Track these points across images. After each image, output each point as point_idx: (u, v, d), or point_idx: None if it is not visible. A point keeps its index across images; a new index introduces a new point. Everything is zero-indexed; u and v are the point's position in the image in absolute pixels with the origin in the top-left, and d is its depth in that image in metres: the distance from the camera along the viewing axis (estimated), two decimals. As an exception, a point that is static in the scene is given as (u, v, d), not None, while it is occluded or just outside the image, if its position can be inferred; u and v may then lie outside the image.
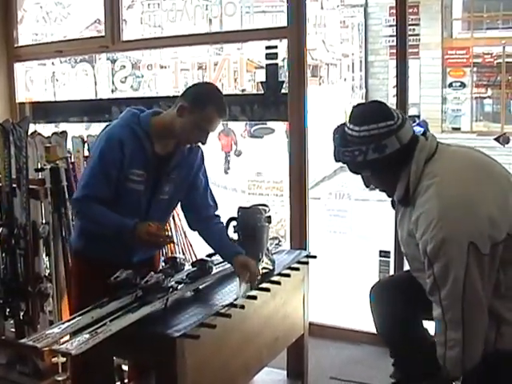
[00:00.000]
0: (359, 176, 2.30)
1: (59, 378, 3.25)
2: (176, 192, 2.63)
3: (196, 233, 2.81)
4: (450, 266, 1.97)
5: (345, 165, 2.23)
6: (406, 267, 3.39)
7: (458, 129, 12.57)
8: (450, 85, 12.56)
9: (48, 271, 3.45)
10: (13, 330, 3.52)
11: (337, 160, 2.23)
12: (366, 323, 3.98)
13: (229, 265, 2.72)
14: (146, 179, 2.49)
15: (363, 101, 13.07)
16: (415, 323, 2.35)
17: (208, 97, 2.48)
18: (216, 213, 2.74)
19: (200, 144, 2.58)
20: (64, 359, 3.20)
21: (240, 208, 2.64)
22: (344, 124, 2.20)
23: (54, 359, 3.29)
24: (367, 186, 2.34)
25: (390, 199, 2.36)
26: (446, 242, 1.96)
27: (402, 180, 2.14)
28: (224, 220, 2.73)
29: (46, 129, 4.57)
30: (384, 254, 3.85)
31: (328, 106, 12.52)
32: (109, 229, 2.41)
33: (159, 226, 2.46)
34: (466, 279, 1.95)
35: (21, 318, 3.43)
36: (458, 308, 1.99)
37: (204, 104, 2.44)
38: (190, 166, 2.65)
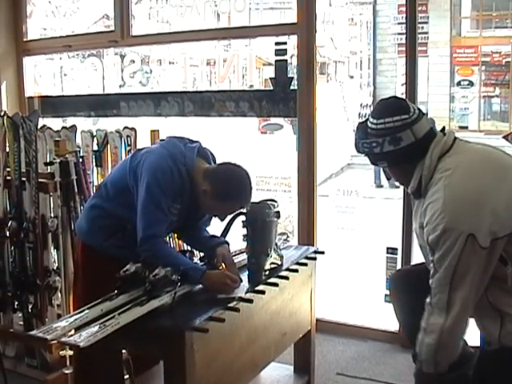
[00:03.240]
0: (366, 174, 2.37)
1: (67, 371, 3.26)
2: None
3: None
4: (446, 255, 2.02)
5: (366, 156, 2.29)
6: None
7: (466, 127, 12.56)
8: (458, 83, 12.56)
9: (56, 265, 3.46)
10: (21, 323, 3.54)
11: (357, 151, 2.30)
12: (373, 319, 4.01)
13: (238, 259, 2.74)
14: (180, 211, 2.58)
15: (371, 98, 13.09)
16: None
17: (233, 193, 2.55)
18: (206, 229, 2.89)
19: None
20: (72, 352, 3.21)
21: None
22: (368, 118, 2.27)
23: (62, 352, 3.30)
24: (388, 179, 2.41)
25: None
26: (446, 233, 2.00)
27: (416, 173, 2.18)
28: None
29: (54, 123, 4.58)
30: (391, 250, 3.84)
31: (335, 104, 12.54)
32: (175, 267, 2.41)
33: (229, 275, 2.52)
34: (458, 267, 2.00)
35: (29, 311, 3.44)
36: (445, 293, 2.04)
37: (228, 199, 2.55)
38: None
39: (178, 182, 2.53)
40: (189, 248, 3.08)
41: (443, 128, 2.27)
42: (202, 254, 2.85)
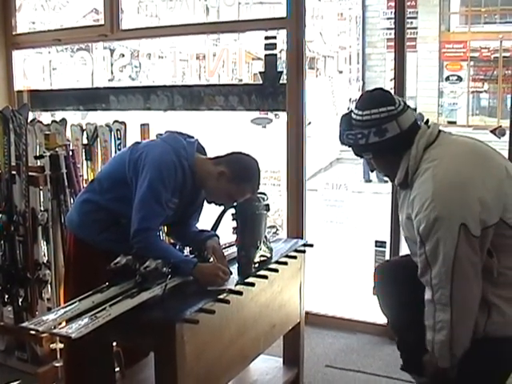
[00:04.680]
0: (355, 168, 2.38)
1: (57, 364, 3.27)
2: None
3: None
4: (440, 245, 2.03)
5: (350, 148, 2.30)
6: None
7: (454, 122, 12.59)
8: (447, 78, 12.58)
9: (46, 258, 3.47)
10: (11, 316, 3.54)
11: (342, 143, 2.31)
12: (362, 312, 4.04)
13: (228, 252, 2.76)
14: (177, 206, 2.60)
15: (360, 93, 13.11)
16: (421, 306, 2.36)
17: (249, 175, 2.63)
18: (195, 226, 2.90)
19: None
20: (62, 345, 3.23)
21: (239, 196, 2.67)
22: (352, 110, 2.27)
23: (53, 345, 3.31)
24: (372, 170, 2.43)
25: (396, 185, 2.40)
26: (438, 221, 2.02)
27: (402, 164, 2.20)
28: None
29: (43, 117, 4.58)
30: (380, 244, 3.87)
31: (325, 98, 12.56)
32: (167, 260, 2.42)
33: (220, 267, 2.53)
34: (456, 258, 2.00)
35: (19, 304, 3.45)
36: (447, 287, 2.04)
37: (243, 180, 2.60)
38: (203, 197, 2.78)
39: (180, 177, 2.55)
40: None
41: (427, 120, 2.29)
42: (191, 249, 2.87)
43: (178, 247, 2.79)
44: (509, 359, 2.17)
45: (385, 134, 2.15)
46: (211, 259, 2.65)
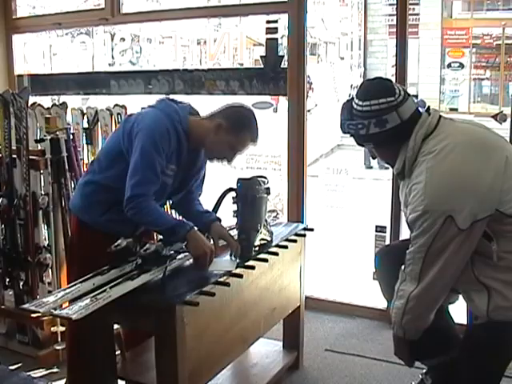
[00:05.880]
0: (355, 154, 2.39)
1: (58, 347, 3.29)
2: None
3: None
4: (422, 235, 2.08)
5: (351, 137, 2.31)
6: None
7: (456, 109, 12.55)
8: (449, 65, 12.54)
9: (47, 242, 3.47)
10: (12, 299, 3.55)
11: (343, 131, 2.31)
12: (361, 297, 4.06)
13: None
14: (175, 173, 2.59)
15: (361, 79, 13.08)
16: None
17: (246, 122, 2.61)
18: (199, 198, 2.88)
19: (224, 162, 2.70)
20: (63, 328, 3.25)
21: (239, 179, 2.67)
22: (353, 98, 2.26)
23: (54, 328, 3.33)
24: (373, 158, 2.44)
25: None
26: (424, 214, 2.05)
27: (401, 155, 2.21)
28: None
29: (43, 101, 4.56)
30: (380, 228, 3.87)
31: (326, 85, 12.53)
32: (161, 225, 2.44)
33: (212, 250, 2.53)
34: (432, 246, 2.06)
35: (20, 287, 3.46)
36: (418, 265, 2.12)
37: (242, 128, 2.58)
38: (203, 160, 2.78)
39: (174, 142, 2.52)
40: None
41: (428, 107, 2.28)
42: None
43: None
44: None
45: (385, 124, 2.15)
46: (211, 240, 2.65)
